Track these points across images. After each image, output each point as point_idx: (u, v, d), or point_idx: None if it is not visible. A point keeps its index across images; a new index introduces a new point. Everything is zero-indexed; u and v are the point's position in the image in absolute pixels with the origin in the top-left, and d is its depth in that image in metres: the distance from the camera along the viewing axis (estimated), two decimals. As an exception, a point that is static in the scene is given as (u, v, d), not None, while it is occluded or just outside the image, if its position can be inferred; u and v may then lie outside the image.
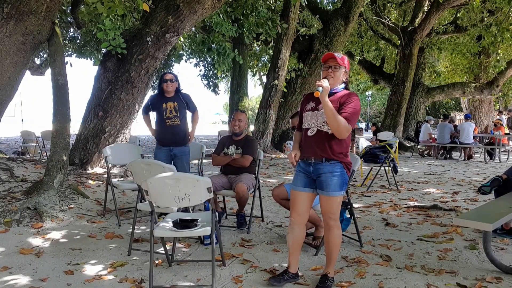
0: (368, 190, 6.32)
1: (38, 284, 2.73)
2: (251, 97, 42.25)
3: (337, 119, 2.48)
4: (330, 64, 2.64)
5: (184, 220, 2.79)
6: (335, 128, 2.51)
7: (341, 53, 2.67)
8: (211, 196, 2.67)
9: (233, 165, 4.12)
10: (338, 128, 2.50)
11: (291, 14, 10.65)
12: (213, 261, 2.67)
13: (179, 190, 2.60)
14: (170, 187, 2.59)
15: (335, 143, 2.60)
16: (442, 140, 11.26)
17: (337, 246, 2.72)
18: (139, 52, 6.10)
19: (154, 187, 2.61)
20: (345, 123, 2.49)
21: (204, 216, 3.02)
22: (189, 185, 2.60)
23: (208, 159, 9.10)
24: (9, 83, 5.11)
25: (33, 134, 10.44)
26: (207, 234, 2.74)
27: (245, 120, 4.20)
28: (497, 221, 2.61)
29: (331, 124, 2.51)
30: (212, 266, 2.66)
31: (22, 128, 12.59)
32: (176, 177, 2.65)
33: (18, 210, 4.15)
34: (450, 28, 14.36)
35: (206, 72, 13.79)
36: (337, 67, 2.62)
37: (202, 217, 2.96)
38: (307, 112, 2.70)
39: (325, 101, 2.48)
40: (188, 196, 2.62)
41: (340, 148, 2.62)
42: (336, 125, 2.49)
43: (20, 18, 4.90)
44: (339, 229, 2.72)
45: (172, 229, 2.73)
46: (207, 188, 2.62)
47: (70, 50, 13.36)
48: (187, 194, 2.61)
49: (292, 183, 2.76)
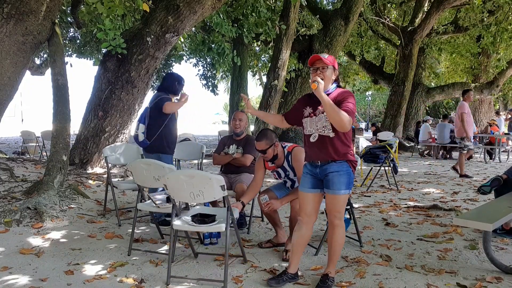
0: (368, 190, 6.32)
1: (38, 284, 2.73)
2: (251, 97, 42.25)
3: (338, 111, 2.45)
4: (317, 66, 2.63)
5: (203, 215, 2.91)
6: (337, 121, 2.47)
7: (326, 54, 2.69)
8: (225, 194, 2.74)
9: (234, 164, 4.12)
10: (340, 121, 2.46)
11: (291, 14, 10.63)
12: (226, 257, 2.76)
13: (194, 187, 2.72)
14: (185, 183, 2.72)
15: (339, 145, 2.61)
16: (442, 140, 11.26)
17: (340, 246, 2.73)
18: (139, 52, 6.10)
19: (171, 183, 2.77)
20: (346, 115, 2.47)
21: (222, 212, 3.09)
22: (202, 182, 2.70)
23: (208, 159, 9.11)
24: (9, 83, 5.11)
25: (33, 134, 10.43)
26: (221, 230, 2.81)
27: (245, 120, 4.21)
28: (497, 221, 2.61)
29: (333, 118, 2.47)
30: (225, 263, 2.75)
31: (22, 128, 12.57)
32: (190, 174, 2.74)
33: (18, 210, 4.15)
34: (450, 28, 14.35)
35: (204, 72, 13.78)
36: (325, 67, 2.62)
37: (219, 214, 3.05)
38: (306, 118, 2.72)
39: (321, 96, 2.46)
40: (202, 193, 2.73)
41: (345, 148, 2.63)
42: (338, 118, 2.45)
43: (20, 18, 4.90)
44: (343, 228, 2.72)
45: (190, 223, 2.87)
46: (220, 186, 2.70)
47: (70, 50, 13.34)
48: (201, 190, 2.72)
49: (300, 184, 2.78)
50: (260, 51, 14.83)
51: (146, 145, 4.12)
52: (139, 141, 4.14)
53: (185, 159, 5.25)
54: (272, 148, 3.24)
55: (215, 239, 3.61)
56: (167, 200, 3.45)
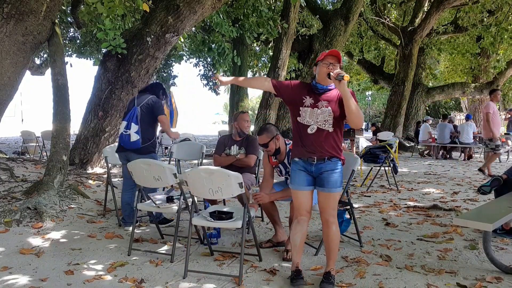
0: (368, 190, 6.32)
1: (38, 284, 2.73)
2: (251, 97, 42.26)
3: (359, 110, 2.53)
4: (331, 61, 2.63)
5: (220, 212, 3.00)
6: (358, 118, 2.54)
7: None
8: (242, 192, 2.80)
9: (236, 165, 4.10)
10: (361, 118, 2.56)
11: (291, 14, 10.64)
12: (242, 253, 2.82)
13: (212, 183, 2.82)
14: (204, 180, 2.82)
15: (334, 141, 2.66)
16: (442, 140, 11.26)
17: (337, 242, 2.75)
18: (139, 52, 6.10)
19: (191, 179, 2.88)
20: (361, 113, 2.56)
21: (239, 210, 3.13)
22: (220, 179, 2.79)
23: (208, 159, 9.10)
24: (9, 83, 5.11)
25: (33, 134, 10.42)
26: (238, 227, 2.87)
27: (249, 120, 4.28)
28: (497, 221, 2.61)
29: (355, 114, 2.52)
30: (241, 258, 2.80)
31: (22, 128, 12.57)
32: (209, 170, 2.83)
33: (18, 210, 4.15)
34: (450, 28, 14.36)
35: (205, 72, 13.79)
36: (336, 65, 2.63)
37: (236, 211, 3.09)
38: (306, 108, 2.67)
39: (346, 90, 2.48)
40: (221, 190, 2.83)
41: (338, 144, 2.68)
42: (359, 115, 2.53)
43: (20, 18, 4.90)
44: (337, 225, 2.74)
45: (209, 219, 2.95)
46: (238, 183, 2.77)
47: (70, 50, 13.35)
48: (219, 187, 2.81)
49: (293, 182, 2.76)
50: (260, 51, 14.83)
51: (138, 146, 3.95)
52: (131, 141, 3.93)
53: (185, 159, 5.24)
54: (274, 141, 3.24)
55: (215, 239, 3.61)
56: (167, 200, 3.45)
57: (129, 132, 3.89)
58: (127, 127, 3.93)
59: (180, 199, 3.26)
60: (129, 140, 3.91)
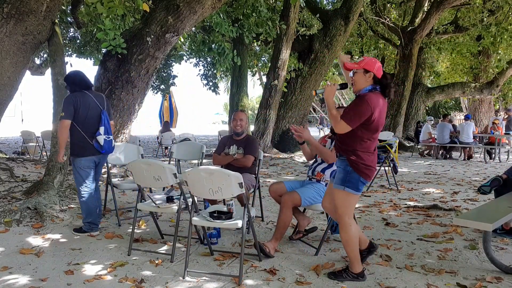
0: (368, 190, 6.32)
1: (38, 284, 2.73)
2: (251, 97, 42.20)
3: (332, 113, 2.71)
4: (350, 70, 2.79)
5: (220, 212, 3.03)
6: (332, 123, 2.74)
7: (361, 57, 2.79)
8: (243, 192, 2.82)
9: (235, 165, 4.10)
10: (334, 124, 2.71)
11: (291, 14, 10.65)
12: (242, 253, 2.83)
13: (213, 183, 2.82)
14: (204, 180, 2.82)
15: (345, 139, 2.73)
16: (442, 140, 11.26)
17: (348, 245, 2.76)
18: (139, 52, 6.10)
19: (191, 178, 2.88)
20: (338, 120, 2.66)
21: (239, 210, 3.15)
22: (220, 179, 2.80)
23: (208, 159, 9.10)
24: (9, 83, 5.11)
25: (33, 134, 10.43)
26: (238, 227, 2.88)
27: (246, 120, 4.20)
28: (497, 221, 2.61)
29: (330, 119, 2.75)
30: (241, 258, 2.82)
31: (22, 128, 12.57)
32: (209, 170, 2.84)
33: (18, 210, 4.15)
34: (450, 28, 14.36)
35: (205, 72, 13.77)
36: (355, 72, 2.72)
37: (237, 211, 3.11)
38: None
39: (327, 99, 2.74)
40: (221, 189, 2.83)
41: (349, 145, 2.73)
42: (332, 121, 2.71)
43: (20, 18, 4.90)
44: (345, 226, 2.74)
45: (208, 219, 2.96)
46: (238, 184, 2.78)
47: (70, 50, 13.33)
48: (219, 187, 2.82)
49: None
50: (260, 51, 14.83)
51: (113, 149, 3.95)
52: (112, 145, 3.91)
53: (185, 159, 5.24)
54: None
55: (215, 239, 3.61)
56: (167, 200, 3.45)
57: (111, 138, 3.86)
58: (107, 133, 3.84)
59: (180, 199, 3.27)
60: (111, 144, 3.89)
